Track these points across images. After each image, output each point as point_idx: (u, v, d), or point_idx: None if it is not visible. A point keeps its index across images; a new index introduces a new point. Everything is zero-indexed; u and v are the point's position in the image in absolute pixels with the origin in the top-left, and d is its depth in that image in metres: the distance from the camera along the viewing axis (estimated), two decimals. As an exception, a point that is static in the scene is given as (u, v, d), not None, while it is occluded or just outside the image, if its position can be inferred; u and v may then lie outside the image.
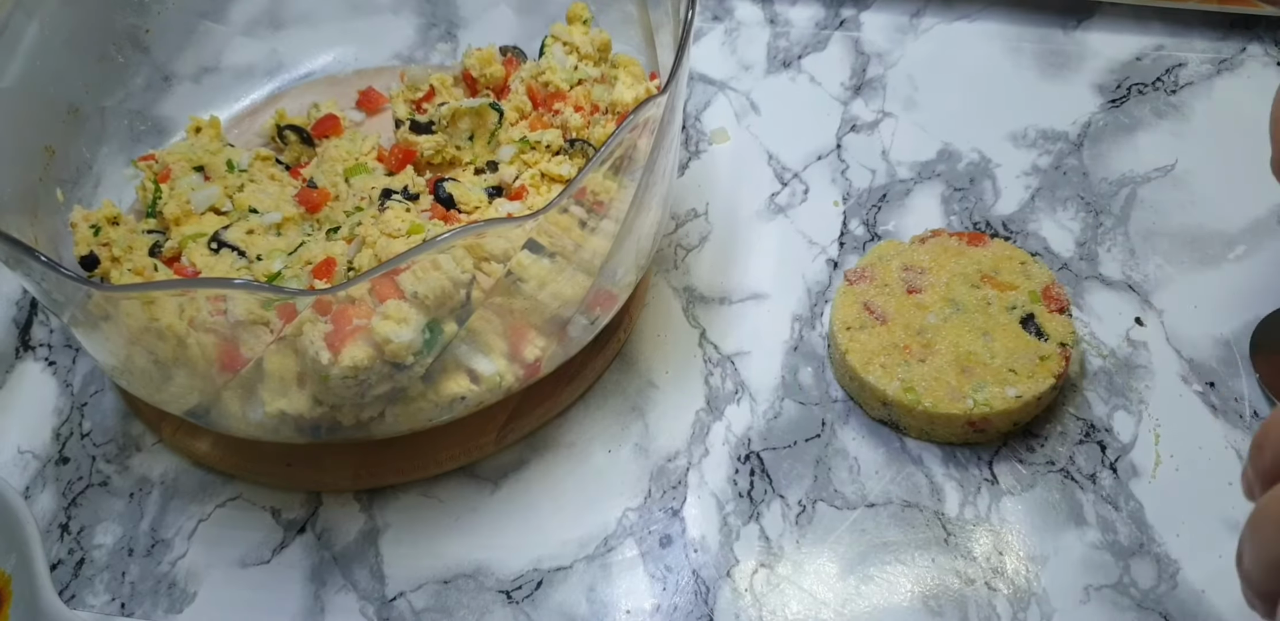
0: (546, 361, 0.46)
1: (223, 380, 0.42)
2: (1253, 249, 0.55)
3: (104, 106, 0.55)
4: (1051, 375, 0.47)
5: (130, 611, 0.47)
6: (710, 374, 0.52)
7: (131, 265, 0.49)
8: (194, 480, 0.50)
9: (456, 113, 0.53)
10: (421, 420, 0.45)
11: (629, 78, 0.52)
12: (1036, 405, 0.48)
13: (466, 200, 0.50)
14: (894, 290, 0.51)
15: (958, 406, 0.47)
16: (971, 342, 0.48)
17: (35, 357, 0.55)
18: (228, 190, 0.52)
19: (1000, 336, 0.49)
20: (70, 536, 0.49)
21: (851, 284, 0.51)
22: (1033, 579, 0.46)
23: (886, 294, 0.50)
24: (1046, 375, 0.47)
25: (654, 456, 0.50)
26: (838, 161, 0.60)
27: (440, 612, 0.46)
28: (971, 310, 0.49)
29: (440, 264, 0.40)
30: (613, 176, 0.41)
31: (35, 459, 0.51)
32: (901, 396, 0.47)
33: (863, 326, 0.50)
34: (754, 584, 0.46)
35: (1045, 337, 0.49)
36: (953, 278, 0.50)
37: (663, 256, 0.57)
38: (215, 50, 0.60)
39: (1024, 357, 0.48)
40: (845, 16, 0.66)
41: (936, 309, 0.49)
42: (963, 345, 0.48)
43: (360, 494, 0.50)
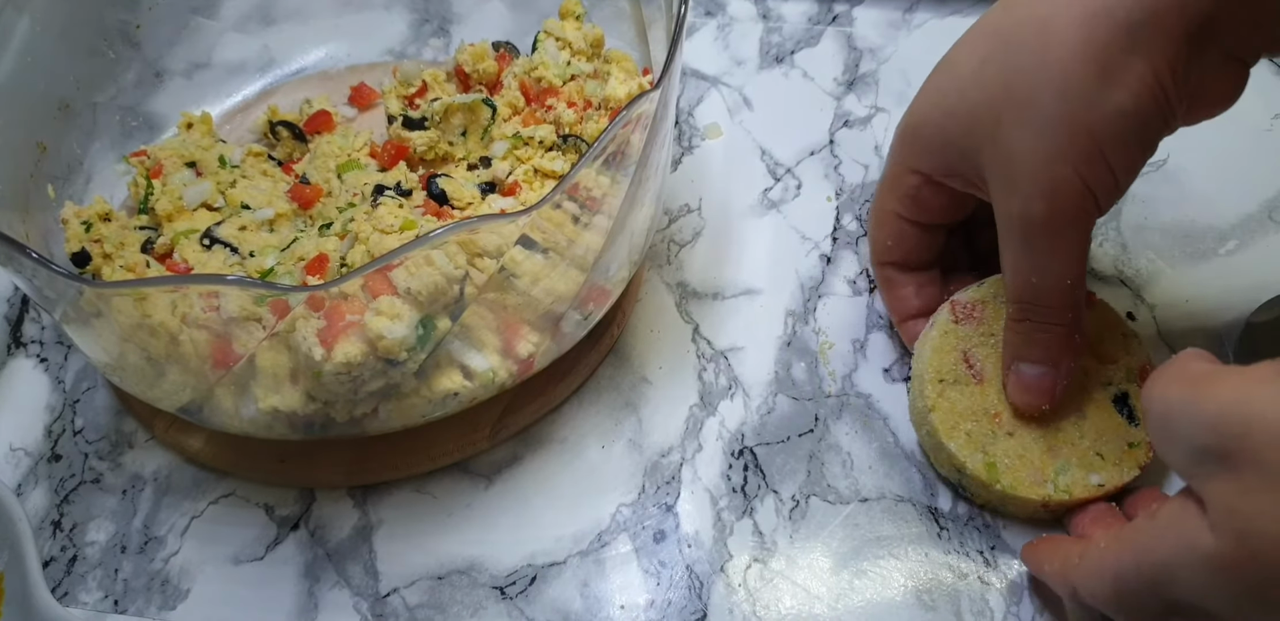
0: (540, 357, 0.46)
1: (215, 377, 0.42)
2: (1244, 243, 0.55)
3: (95, 102, 0.55)
4: (1137, 466, 0.44)
5: (123, 608, 0.47)
6: (703, 369, 0.53)
7: (123, 261, 0.49)
8: (187, 477, 0.50)
9: (449, 108, 0.53)
10: (415, 416, 0.45)
11: (622, 73, 0.52)
12: (1116, 493, 0.45)
13: (459, 196, 0.50)
14: (997, 341, 0.46)
15: (1037, 492, 0.44)
16: (1063, 418, 0.45)
17: (27, 354, 0.55)
18: (220, 186, 0.52)
19: (1093, 415, 0.45)
20: (63, 533, 0.49)
21: (958, 322, 0.47)
22: (1025, 573, 0.46)
23: (990, 346, 0.46)
24: (1133, 465, 0.44)
25: (647, 452, 0.50)
26: (830, 157, 0.60)
27: (434, 608, 0.46)
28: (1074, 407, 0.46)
29: (433, 260, 0.40)
30: (606, 172, 0.41)
31: (27, 456, 0.51)
32: (981, 472, 0.45)
33: (956, 381, 0.46)
34: (748, 578, 0.46)
35: (1136, 423, 0.45)
36: None
37: (656, 252, 0.57)
38: (207, 46, 0.60)
39: (1113, 442, 0.45)
40: (838, 12, 0.66)
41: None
42: (1053, 420, 0.45)
43: (354, 490, 0.50)
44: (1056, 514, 0.46)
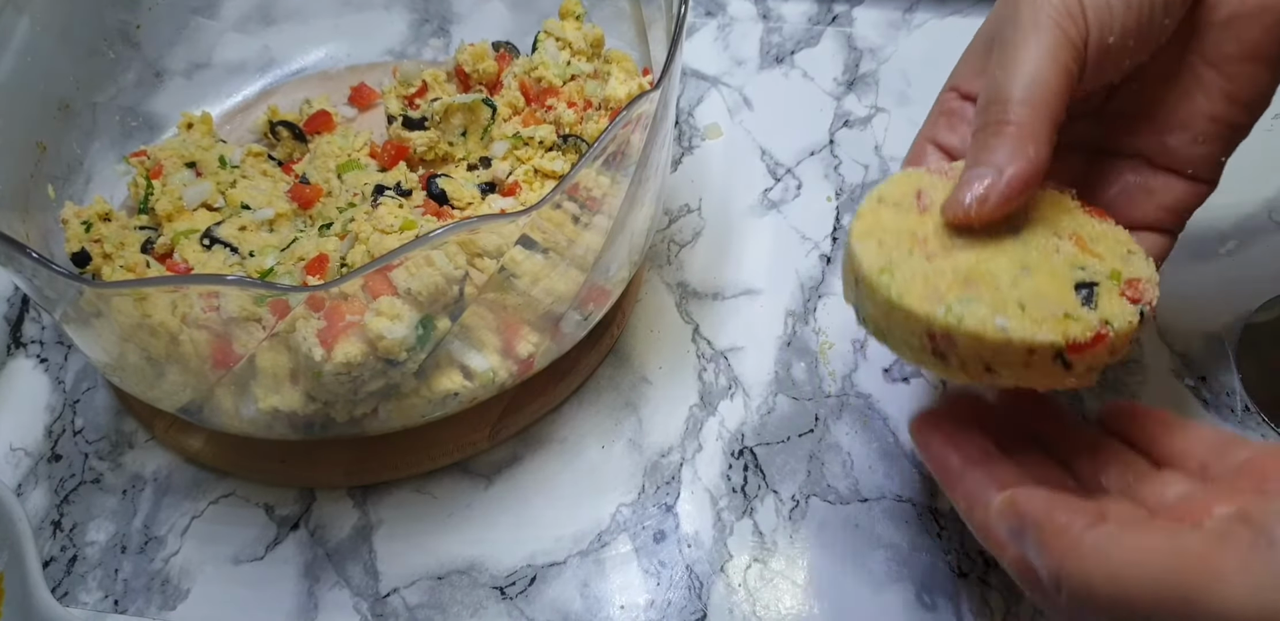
0: (540, 357, 0.46)
1: (215, 377, 0.42)
2: (1243, 244, 0.55)
3: (95, 102, 0.55)
4: (1062, 336, 0.35)
5: (123, 608, 0.47)
6: (703, 369, 0.53)
7: (123, 261, 0.49)
8: (187, 477, 0.50)
9: (449, 108, 0.53)
10: (415, 416, 0.45)
11: (622, 73, 0.52)
12: (1019, 362, 0.36)
13: (459, 196, 0.50)
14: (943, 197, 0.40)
15: (925, 307, 0.36)
16: (999, 264, 0.38)
17: (27, 354, 0.55)
18: (220, 186, 0.52)
19: (1041, 277, 0.37)
20: (63, 533, 0.49)
21: (930, 171, 0.41)
22: (1025, 573, 0.46)
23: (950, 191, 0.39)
24: (1056, 332, 0.36)
25: (647, 452, 0.50)
26: (830, 157, 0.60)
27: (434, 608, 0.46)
28: (1030, 247, 0.38)
29: (433, 260, 0.40)
30: (606, 172, 0.41)
31: (27, 456, 0.51)
32: (875, 275, 0.37)
33: (898, 204, 0.40)
34: (748, 578, 0.46)
35: (1092, 306, 0.37)
36: (1039, 220, 0.39)
37: (656, 252, 0.57)
38: (207, 46, 0.60)
39: (1047, 304, 0.36)
40: (838, 12, 0.66)
41: (993, 230, 0.39)
42: (986, 263, 0.38)
43: (354, 490, 0.50)
44: (945, 363, 0.37)
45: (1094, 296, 0.38)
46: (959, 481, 0.38)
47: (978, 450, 0.38)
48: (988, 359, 0.37)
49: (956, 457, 0.38)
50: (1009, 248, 0.38)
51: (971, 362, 0.37)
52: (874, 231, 0.39)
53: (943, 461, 0.39)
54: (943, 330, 0.36)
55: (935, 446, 0.39)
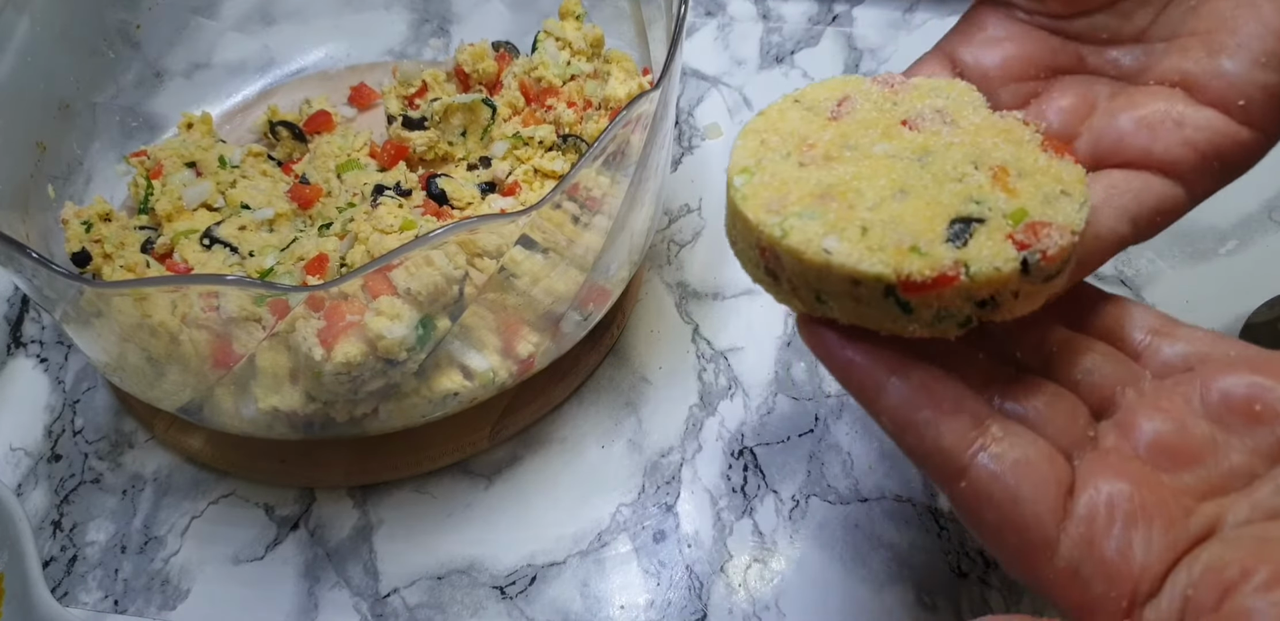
0: (539, 357, 0.46)
1: (215, 377, 0.42)
2: (1244, 243, 0.55)
3: (95, 102, 0.55)
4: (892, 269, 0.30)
5: (123, 608, 0.47)
6: (703, 369, 0.53)
7: (123, 261, 0.49)
8: (187, 477, 0.50)
9: (449, 108, 0.53)
10: (415, 416, 0.45)
11: (622, 73, 0.52)
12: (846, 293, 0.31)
13: (459, 196, 0.50)
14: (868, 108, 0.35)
15: (762, 215, 0.31)
16: (874, 185, 0.32)
17: (27, 354, 0.55)
18: (220, 186, 0.52)
19: (913, 203, 0.31)
20: (63, 533, 0.49)
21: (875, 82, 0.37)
22: (1025, 573, 0.46)
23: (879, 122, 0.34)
24: (887, 264, 0.30)
25: (647, 452, 0.50)
26: (830, 157, 0.60)
27: (434, 608, 0.46)
28: (930, 171, 0.32)
29: (433, 260, 0.40)
30: (605, 172, 0.41)
31: (27, 456, 0.51)
32: (734, 173, 0.33)
33: (810, 108, 0.35)
34: (748, 578, 0.46)
35: (959, 244, 0.30)
36: (967, 146, 0.33)
37: (656, 252, 0.57)
38: (207, 46, 0.60)
39: (898, 233, 0.30)
40: (838, 12, 0.66)
41: (899, 149, 0.33)
42: (860, 181, 0.32)
43: (354, 490, 0.50)
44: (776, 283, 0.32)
45: (968, 233, 0.31)
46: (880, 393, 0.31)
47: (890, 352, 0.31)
48: (815, 285, 0.31)
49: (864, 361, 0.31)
50: (901, 169, 0.33)
51: (801, 288, 0.32)
52: (767, 129, 0.34)
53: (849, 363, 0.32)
54: (769, 244, 0.31)
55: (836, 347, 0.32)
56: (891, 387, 0.30)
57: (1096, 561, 0.28)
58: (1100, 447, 0.31)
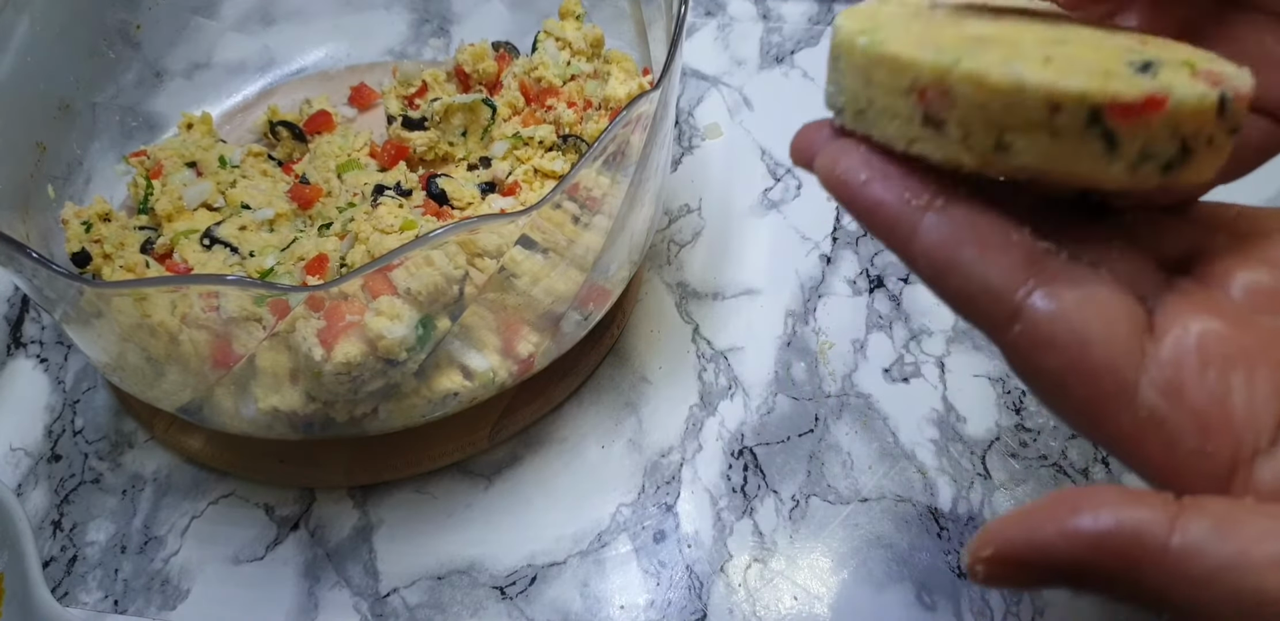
0: (540, 357, 0.46)
1: (215, 377, 0.42)
2: (1244, 244, 0.55)
3: (95, 102, 0.55)
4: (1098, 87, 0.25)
5: (123, 608, 0.47)
6: (703, 369, 0.53)
7: (123, 262, 0.49)
8: (187, 477, 0.50)
9: (449, 108, 0.53)
10: (415, 416, 0.45)
11: (622, 73, 0.52)
12: (1040, 125, 0.25)
13: (459, 196, 0.50)
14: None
15: (915, 52, 0.26)
16: (1025, 34, 0.28)
17: (27, 355, 0.55)
18: (220, 186, 0.52)
19: (1078, 47, 0.27)
20: (63, 533, 0.49)
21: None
22: (1025, 573, 0.46)
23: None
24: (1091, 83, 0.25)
25: (647, 452, 0.50)
26: (830, 157, 0.60)
27: (434, 608, 0.46)
28: (1073, 32, 0.29)
29: (433, 260, 0.40)
30: (606, 172, 0.41)
31: (27, 456, 0.51)
32: (852, 37, 0.28)
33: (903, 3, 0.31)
34: (748, 579, 0.46)
35: (1150, 75, 0.26)
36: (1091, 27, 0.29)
37: (656, 252, 0.57)
38: (207, 46, 0.60)
39: (1084, 63, 0.26)
40: (838, 11, 0.66)
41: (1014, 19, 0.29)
42: (1006, 31, 0.28)
43: (354, 490, 0.50)
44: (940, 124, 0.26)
45: (1153, 68, 0.26)
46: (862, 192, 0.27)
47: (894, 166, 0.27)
48: (998, 121, 0.26)
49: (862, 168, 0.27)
50: (1043, 28, 0.29)
51: (978, 130, 0.26)
52: (869, 13, 0.30)
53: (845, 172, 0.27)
54: (935, 79, 0.26)
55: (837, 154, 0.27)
56: (928, 225, 0.25)
57: (1187, 411, 0.23)
58: (1182, 291, 0.26)
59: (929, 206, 0.26)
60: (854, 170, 0.26)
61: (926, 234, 0.25)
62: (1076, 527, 0.22)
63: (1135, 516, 0.22)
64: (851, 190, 0.26)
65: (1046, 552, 0.23)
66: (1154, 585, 0.22)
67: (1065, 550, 0.23)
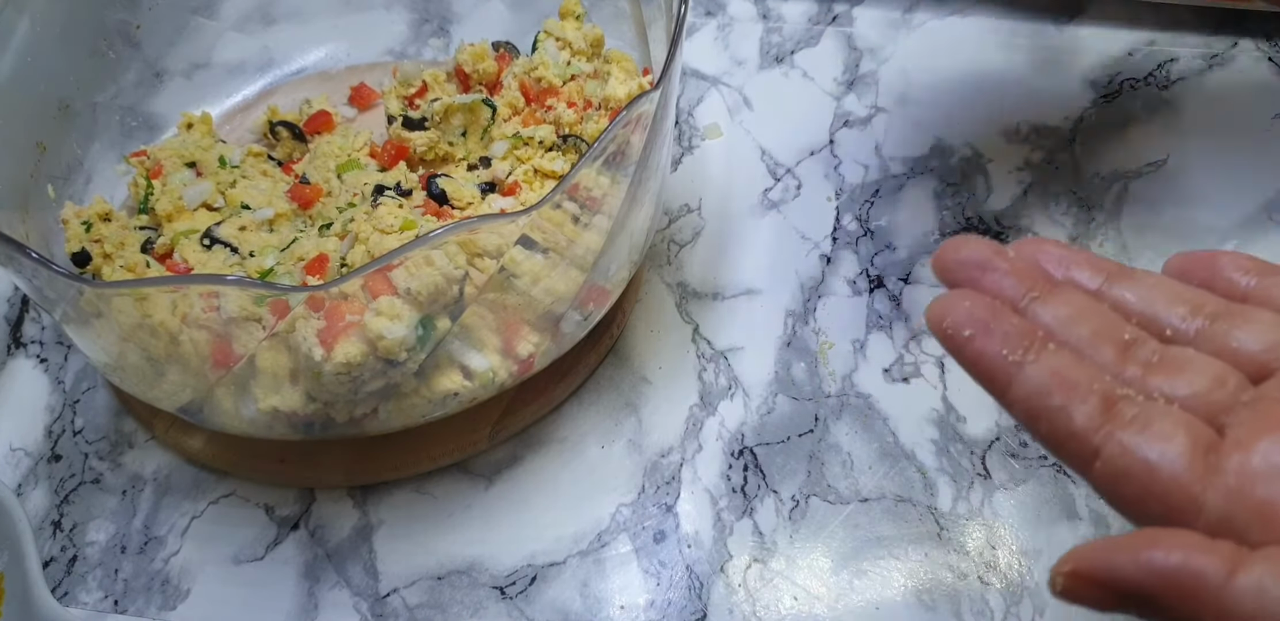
0: (539, 357, 0.46)
1: (215, 377, 0.42)
2: (1244, 244, 0.55)
3: (95, 102, 0.55)
4: None
5: (123, 608, 0.47)
6: (703, 369, 0.53)
7: (123, 262, 0.49)
8: (187, 477, 0.50)
9: (449, 109, 0.53)
10: (415, 416, 0.45)
11: (622, 73, 0.52)
12: None
13: (459, 196, 0.50)
14: None
15: None
16: None
17: (27, 355, 0.55)
18: (220, 186, 0.52)
19: None
20: (63, 533, 0.49)
21: None
22: (1025, 573, 0.46)
23: None
24: None
25: (647, 452, 0.50)
26: (831, 157, 0.60)
27: (434, 608, 0.46)
28: None
29: (433, 260, 0.40)
30: (606, 172, 0.41)
31: (27, 456, 0.51)
32: None
33: None
34: (747, 579, 0.46)
35: None
36: None
37: (656, 252, 0.57)
38: (206, 46, 0.60)
39: None
40: (838, 12, 0.66)
41: None
42: None
43: (354, 490, 0.50)
44: None
45: None
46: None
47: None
48: None
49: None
50: None
51: None
52: None
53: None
54: None
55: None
56: (1022, 377, 0.29)
57: (1250, 509, 0.26)
58: (1253, 403, 0.29)
59: (1023, 360, 0.29)
60: (960, 325, 0.30)
61: (1020, 385, 0.29)
62: (1150, 559, 0.25)
63: (1202, 559, 0.25)
64: (957, 343, 0.30)
65: (1118, 577, 0.26)
66: (1208, 617, 0.25)
67: (1134, 577, 0.26)
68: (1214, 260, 0.33)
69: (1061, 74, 0.62)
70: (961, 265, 0.31)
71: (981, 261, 0.31)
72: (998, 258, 0.31)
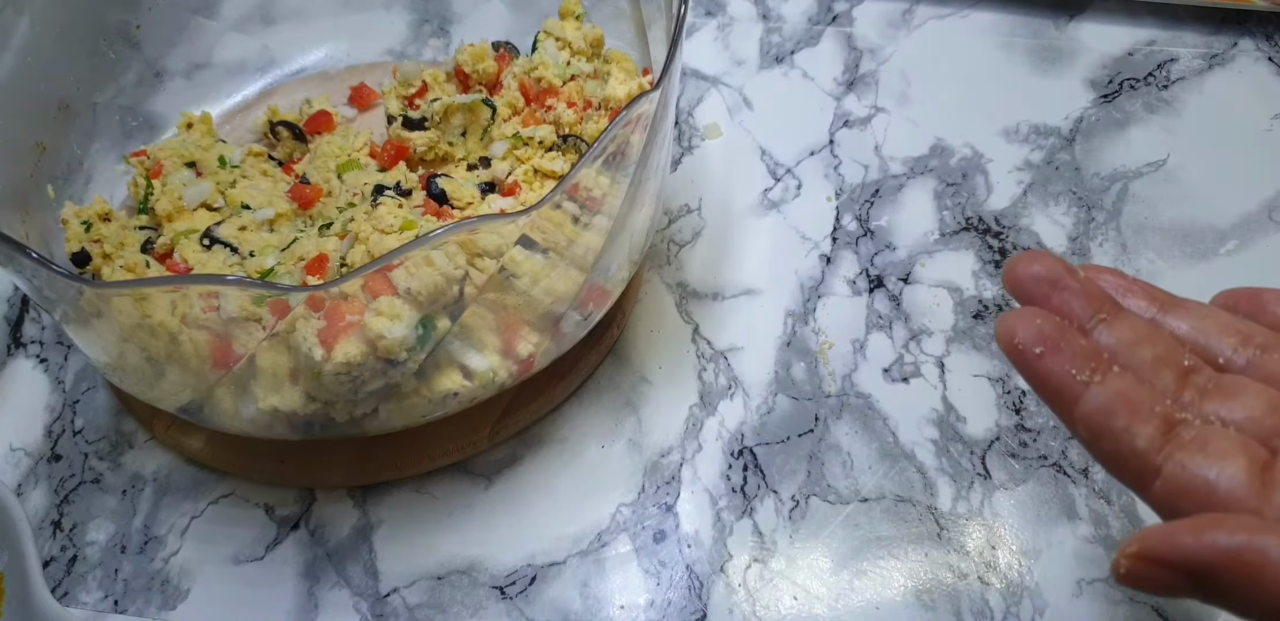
0: (540, 357, 0.46)
1: (215, 377, 0.42)
2: (1244, 243, 0.55)
3: (95, 102, 0.55)
4: None
5: (123, 608, 0.47)
6: (703, 369, 0.53)
7: (123, 262, 0.49)
8: (187, 477, 0.50)
9: (449, 109, 0.53)
10: (415, 416, 0.45)
11: (621, 73, 0.52)
12: None
13: (459, 196, 0.50)
14: None
15: None
16: None
17: (27, 355, 0.55)
18: (220, 186, 0.52)
19: None
20: (63, 533, 0.49)
21: None
22: (1025, 573, 0.46)
23: None
24: None
25: (647, 452, 0.50)
26: (830, 157, 0.60)
27: (434, 608, 0.46)
28: None
29: (433, 260, 0.40)
30: (605, 172, 0.41)
31: (27, 456, 0.51)
32: None
33: None
34: (747, 579, 0.46)
35: None
36: None
37: (656, 252, 0.57)
38: (206, 46, 0.60)
39: None
40: (838, 11, 0.66)
41: None
42: None
43: (354, 490, 0.50)
44: None
45: None
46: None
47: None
48: None
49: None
50: None
51: None
52: None
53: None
54: None
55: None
56: (1088, 397, 0.30)
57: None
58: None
59: (1090, 381, 0.30)
60: (1031, 342, 0.31)
61: (1086, 404, 0.30)
62: (1214, 538, 0.26)
63: (1265, 538, 0.26)
64: (1027, 359, 0.31)
65: (1183, 555, 0.26)
66: (1271, 597, 0.26)
67: (1199, 556, 0.26)
68: (1259, 295, 0.34)
69: (1061, 74, 0.62)
70: (1036, 281, 0.32)
71: (1054, 279, 0.32)
72: (1069, 276, 0.32)
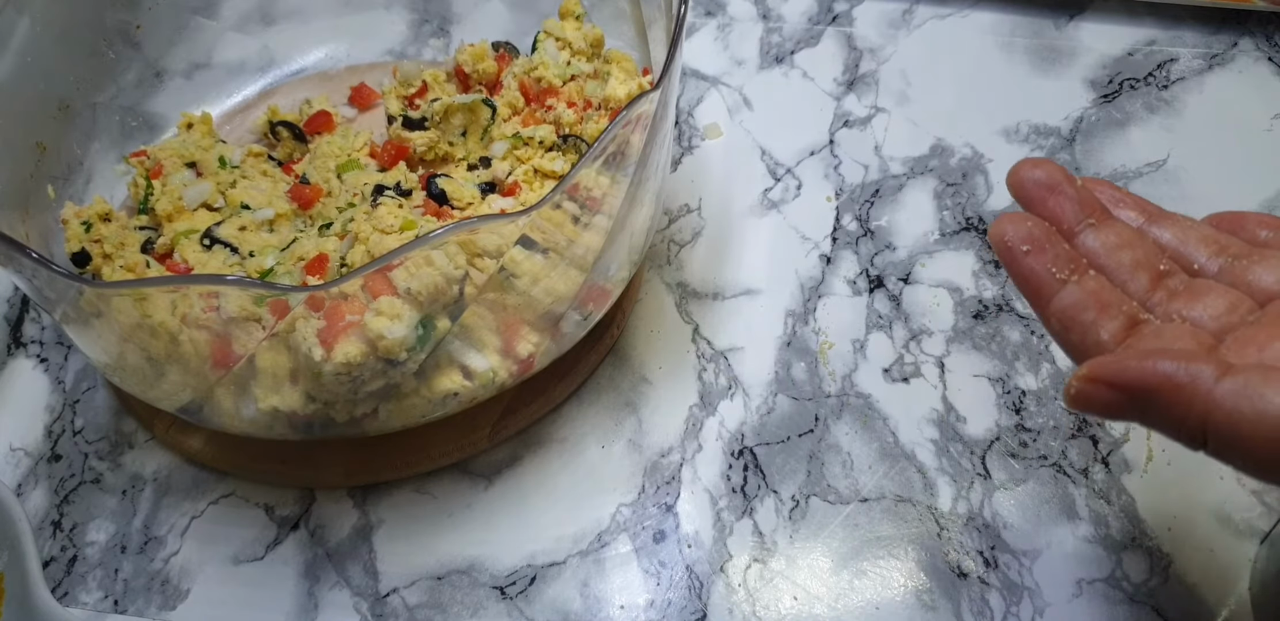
0: (540, 357, 0.46)
1: (215, 377, 0.42)
2: (1244, 244, 0.55)
3: (95, 102, 0.55)
4: None
5: (123, 608, 0.47)
6: (703, 369, 0.53)
7: (123, 262, 0.49)
8: (187, 477, 0.50)
9: (449, 109, 0.53)
10: (415, 416, 0.45)
11: (622, 73, 0.52)
12: None
13: (459, 196, 0.50)
14: None
15: None
16: None
17: (27, 355, 0.55)
18: (220, 186, 0.52)
19: None
20: (63, 533, 0.49)
21: None
22: (1025, 573, 0.46)
23: None
24: None
25: (647, 452, 0.50)
26: (830, 157, 0.60)
27: (434, 608, 0.46)
28: None
29: (433, 260, 0.40)
30: (605, 172, 0.41)
31: (27, 456, 0.51)
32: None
33: None
34: (747, 579, 0.46)
35: None
36: None
37: (656, 252, 0.57)
38: (206, 46, 0.60)
39: None
40: (838, 11, 0.66)
41: None
42: None
43: (354, 490, 0.50)
44: None
45: None
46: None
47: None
48: None
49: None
50: None
51: None
52: None
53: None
54: None
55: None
56: (1065, 292, 0.33)
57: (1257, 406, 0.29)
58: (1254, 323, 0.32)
59: (1067, 279, 0.33)
60: (1018, 242, 0.34)
61: (1061, 299, 0.33)
62: (1155, 363, 0.29)
63: (1198, 364, 0.29)
64: (1014, 256, 0.34)
65: (1129, 378, 0.30)
66: (1199, 411, 0.29)
67: (1140, 379, 0.29)
68: (1243, 216, 0.36)
69: (1061, 74, 0.62)
70: (1035, 184, 0.35)
71: (1052, 184, 0.35)
72: (1067, 183, 0.35)
